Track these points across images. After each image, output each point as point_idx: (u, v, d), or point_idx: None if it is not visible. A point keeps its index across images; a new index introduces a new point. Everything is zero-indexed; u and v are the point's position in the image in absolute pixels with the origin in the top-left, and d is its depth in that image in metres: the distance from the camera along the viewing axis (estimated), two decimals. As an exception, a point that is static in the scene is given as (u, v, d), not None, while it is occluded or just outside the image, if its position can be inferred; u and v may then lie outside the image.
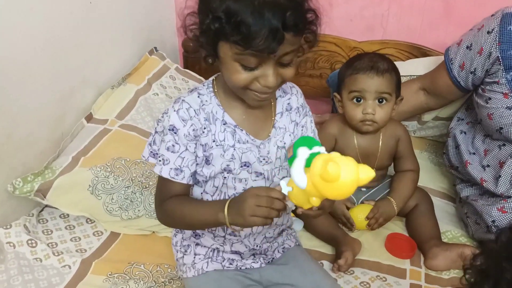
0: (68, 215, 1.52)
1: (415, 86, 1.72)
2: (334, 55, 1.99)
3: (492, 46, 1.42)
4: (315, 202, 0.94)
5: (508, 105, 1.41)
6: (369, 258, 1.45)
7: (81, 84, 1.66)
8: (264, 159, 1.12)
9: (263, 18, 0.89)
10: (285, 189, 0.98)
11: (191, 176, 1.11)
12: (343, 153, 1.63)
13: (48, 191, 1.46)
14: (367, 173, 0.88)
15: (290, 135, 1.16)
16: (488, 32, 1.44)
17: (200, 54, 1.03)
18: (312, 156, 0.92)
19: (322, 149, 0.95)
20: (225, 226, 1.06)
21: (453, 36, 1.86)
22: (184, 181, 1.10)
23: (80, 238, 1.48)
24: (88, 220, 1.52)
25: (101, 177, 1.49)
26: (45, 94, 1.51)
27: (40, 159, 1.52)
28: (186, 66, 2.06)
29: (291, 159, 0.99)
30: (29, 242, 1.40)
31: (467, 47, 1.51)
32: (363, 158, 1.53)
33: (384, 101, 1.45)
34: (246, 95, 1.03)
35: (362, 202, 1.58)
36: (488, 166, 1.49)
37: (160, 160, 1.09)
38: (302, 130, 1.20)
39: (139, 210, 1.49)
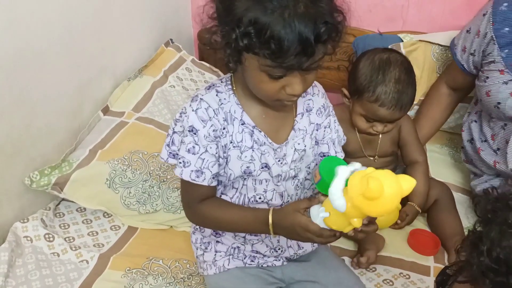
0: (85, 209, 1.50)
1: (443, 88, 1.73)
2: (353, 46, 1.95)
3: (487, 27, 1.47)
4: (357, 223, 0.90)
5: (504, 80, 1.44)
6: (391, 254, 1.42)
7: (99, 74, 1.63)
8: (279, 161, 1.10)
9: (295, 32, 0.86)
10: (319, 220, 0.94)
11: (213, 178, 1.07)
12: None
13: (65, 185, 1.44)
14: (409, 183, 0.85)
15: (310, 138, 1.13)
16: (483, 15, 1.51)
17: (217, 46, 0.99)
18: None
19: (357, 165, 0.90)
20: None
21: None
22: (205, 183, 1.06)
23: (97, 233, 1.46)
24: (105, 214, 1.50)
25: (119, 170, 1.47)
26: (63, 84, 1.49)
27: (57, 150, 1.50)
28: (201, 57, 2.02)
29: (320, 183, 0.96)
30: (46, 236, 1.39)
31: (467, 31, 1.58)
32: (364, 143, 1.53)
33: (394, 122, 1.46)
34: (272, 103, 1.02)
35: None
36: (498, 149, 1.51)
37: (180, 162, 1.05)
38: (325, 131, 1.16)
39: (157, 204, 1.47)
